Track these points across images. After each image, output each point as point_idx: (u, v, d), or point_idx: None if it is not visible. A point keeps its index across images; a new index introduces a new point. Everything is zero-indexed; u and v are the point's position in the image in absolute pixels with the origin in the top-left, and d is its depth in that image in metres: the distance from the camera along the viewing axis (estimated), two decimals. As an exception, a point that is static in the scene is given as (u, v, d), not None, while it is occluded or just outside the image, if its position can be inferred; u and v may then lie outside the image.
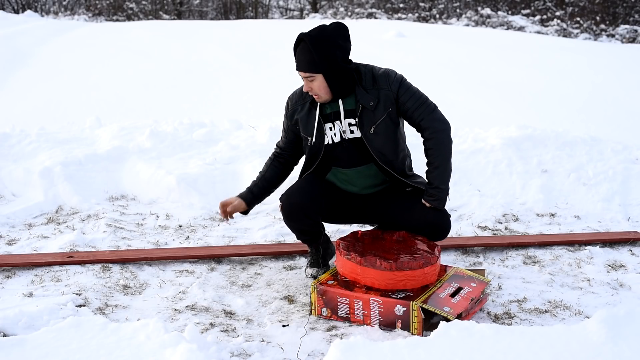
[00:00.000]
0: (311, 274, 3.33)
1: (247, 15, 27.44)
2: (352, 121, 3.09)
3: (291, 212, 3.17)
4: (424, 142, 3.09)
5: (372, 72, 3.09)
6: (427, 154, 3.10)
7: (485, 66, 10.34)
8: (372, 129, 3.06)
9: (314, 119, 3.13)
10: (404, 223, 3.18)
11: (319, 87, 3.03)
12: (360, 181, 3.22)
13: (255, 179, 3.38)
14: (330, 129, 3.13)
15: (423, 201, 3.13)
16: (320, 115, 3.12)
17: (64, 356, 2.31)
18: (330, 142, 3.15)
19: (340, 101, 3.08)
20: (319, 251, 3.33)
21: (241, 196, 3.33)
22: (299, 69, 3.04)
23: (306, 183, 3.19)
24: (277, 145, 3.40)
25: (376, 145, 3.08)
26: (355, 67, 3.09)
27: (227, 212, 3.32)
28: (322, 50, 2.96)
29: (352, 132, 3.11)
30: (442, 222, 3.16)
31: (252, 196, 3.34)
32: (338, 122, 3.11)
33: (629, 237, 3.90)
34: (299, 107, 3.19)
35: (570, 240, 3.87)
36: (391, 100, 3.05)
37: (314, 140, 3.14)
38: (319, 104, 3.12)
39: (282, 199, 3.20)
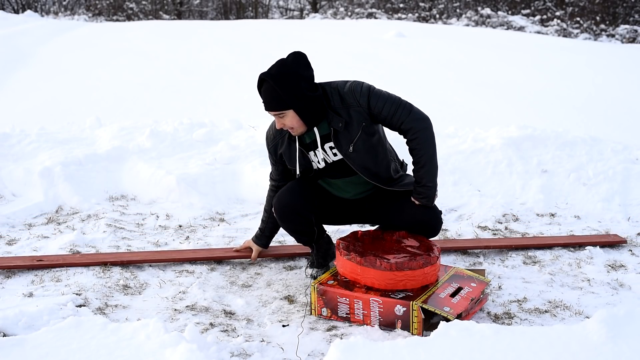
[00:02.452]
0: (311, 274, 3.33)
1: (247, 15, 27.45)
2: (332, 144, 3.09)
3: (283, 212, 3.18)
4: (407, 143, 3.07)
5: (339, 91, 3.04)
6: (412, 154, 3.08)
7: (485, 66, 10.34)
8: (351, 147, 3.04)
9: (295, 152, 3.13)
10: (395, 223, 3.19)
11: (292, 122, 3.00)
12: (351, 188, 3.24)
13: (263, 217, 3.48)
14: (315, 155, 3.13)
15: (412, 199, 3.13)
16: (301, 146, 3.12)
17: (64, 356, 2.31)
18: (317, 168, 3.17)
19: (315, 129, 3.06)
20: (319, 252, 3.33)
21: (257, 242, 3.54)
22: (267, 109, 3.01)
23: (297, 184, 3.22)
24: (271, 177, 3.40)
25: (358, 162, 3.07)
26: (322, 91, 3.05)
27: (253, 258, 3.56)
28: (287, 86, 2.93)
29: (335, 154, 3.11)
30: (433, 220, 3.16)
31: (266, 238, 3.53)
32: (318, 149, 3.10)
33: (609, 240, 3.89)
34: (279, 141, 3.19)
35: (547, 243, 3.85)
36: (363, 115, 3.02)
37: (301, 170, 3.16)
38: (291, 136, 3.12)
39: (274, 201, 3.22)
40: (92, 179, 4.72)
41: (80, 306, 3.02)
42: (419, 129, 3.01)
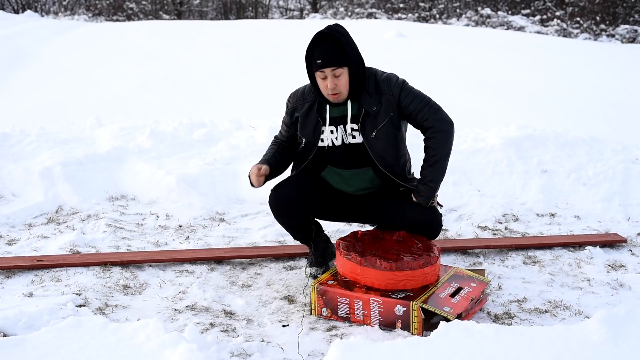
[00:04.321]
0: (310, 274, 3.33)
1: (247, 15, 27.44)
2: (355, 126, 3.10)
3: (277, 205, 3.17)
4: (425, 140, 3.10)
5: (375, 77, 3.10)
6: (426, 151, 3.10)
7: (485, 66, 10.34)
8: (374, 133, 3.06)
9: (312, 121, 3.13)
10: (395, 223, 3.19)
11: (345, 83, 3.03)
12: (356, 183, 3.23)
13: (268, 155, 3.27)
14: (332, 132, 3.13)
15: (412, 195, 3.14)
16: (326, 118, 3.12)
17: (64, 356, 2.31)
18: (330, 144, 3.15)
19: (349, 104, 3.08)
20: (317, 250, 3.33)
21: (265, 162, 3.21)
22: (326, 65, 2.97)
23: (295, 178, 3.21)
24: (277, 137, 3.38)
25: (377, 150, 3.09)
26: None
27: (259, 177, 3.17)
28: (348, 42, 3.02)
29: (353, 137, 3.12)
30: (433, 222, 3.17)
31: (272, 166, 3.23)
32: (342, 126, 3.11)
33: (609, 239, 3.90)
34: (299, 105, 3.19)
35: (549, 242, 3.86)
36: (392, 105, 3.06)
37: (307, 141, 3.16)
38: (316, 105, 3.12)
39: (270, 194, 3.20)
40: (92, 179, 4.72)
41: (80, 306, 3.02)
42: (440, 129, 3.05)
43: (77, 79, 9.13)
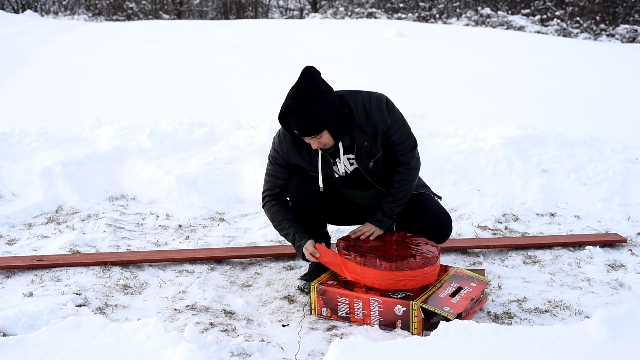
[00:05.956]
0: (298, 286, 3.26)
1: (247, 15, 27.44)
2: (351, 156, 3.08)
3: (297, 204, 3.11)
4: (395, 173, 3.10)
5: (364, 106, 2.99)
6: (393, 185, 3.11)
7: (485, 66, 10.34)
8: (371, 163, 3.06)
9: (316, 159, 3.06)
10: (406, 225, 3.21)
11: (328, 139, 2.95)
12: (365, 200, 3.26)
13: (284, 228, 3.10)
14: (336, 163, 3.11)
15: (368, 222, 3.15)
16: (322, 154, 3.07)
17: (64, 356, 2.32)
18: (337, 175, 3.14)
19: (340, 143, 3.02)
20: (317, 265, 3.23)
21: (306, 239, 3.06)
22: (304, 135, 2.91)
23: (317, 186, 3.12)
24: (271, 194, 3.16)
25: (377, 177, 3.11)
26: (345, 102, 3.00)
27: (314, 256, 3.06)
28: (317, 108, 2.84)
29: (351, 164, 3.10)
30: (443, 226, 3.17)
31: (309, 232, 3.12)
32: (337, 159, 3.08)
33: (609, 239, 3.90)
34: (294, 149, 3.07)
35: (549, 242, 3.86)
36: (383, 132, 3.03)
37: (323, 176, 3.08)
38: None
39: (292, 190, 3.12)
40: (92, 179, 4.72)
41: (80, 306, 3.02)
42: (412, 167, 3.10)
43: (77, 78, 9.12)
